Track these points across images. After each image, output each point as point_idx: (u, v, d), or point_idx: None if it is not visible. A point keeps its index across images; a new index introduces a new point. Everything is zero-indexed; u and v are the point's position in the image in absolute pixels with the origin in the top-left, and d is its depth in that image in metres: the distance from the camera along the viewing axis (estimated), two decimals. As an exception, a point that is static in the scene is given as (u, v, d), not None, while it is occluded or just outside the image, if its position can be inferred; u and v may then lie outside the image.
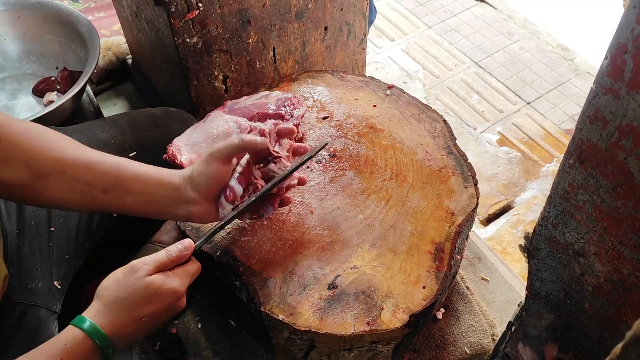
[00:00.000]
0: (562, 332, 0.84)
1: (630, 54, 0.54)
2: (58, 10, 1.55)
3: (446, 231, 0.97)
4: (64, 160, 0.78)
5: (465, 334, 1.13)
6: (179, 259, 0.78)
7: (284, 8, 1.28)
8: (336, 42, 1.46)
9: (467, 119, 1.99)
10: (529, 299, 0.88)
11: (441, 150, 1.10)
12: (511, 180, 1.81)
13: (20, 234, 0.95)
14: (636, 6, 0.51)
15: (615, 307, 0.72)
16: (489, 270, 1.30)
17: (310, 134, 1.13)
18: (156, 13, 1.21)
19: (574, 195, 0.69)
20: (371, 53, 2.22)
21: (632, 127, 0.57)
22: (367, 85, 1.24)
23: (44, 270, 0.96)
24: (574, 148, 0.66)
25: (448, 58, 2.21)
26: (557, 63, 2.17)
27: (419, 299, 0.89)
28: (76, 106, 1.51)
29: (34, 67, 1.62)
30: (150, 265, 0.75)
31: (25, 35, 1.59)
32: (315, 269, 0.93)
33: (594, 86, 0.59)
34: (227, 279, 0.95)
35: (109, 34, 1.87)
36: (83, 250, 1.03)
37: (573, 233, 0.72)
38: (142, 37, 1.45)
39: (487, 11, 2.41)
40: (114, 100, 1.81)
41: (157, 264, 0.76)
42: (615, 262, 0.68)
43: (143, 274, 0.74)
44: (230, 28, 1.23)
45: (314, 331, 0.86)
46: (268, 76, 1.39)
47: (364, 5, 1.43)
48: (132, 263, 0.75)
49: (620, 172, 0.61)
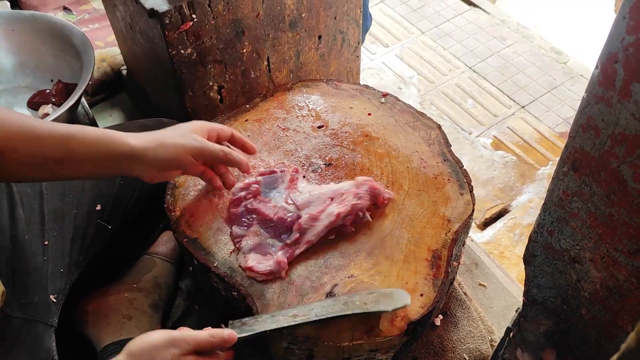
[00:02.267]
0: (560, 337, 0.84)
1: (620, 63, 0.54)
2: (52, 22, 1.56)
3: (443, 238, 0.98)
4: (15, 136, 0.77)
5: (464, 340, 1.13)
6: (219, 346, 0.78)
7: (278, 18, 1.29)
8: (330, 51, 1.46)
9: (462, 123, 2.00)
10: (526, 305, 0.88)
11: (436, 158, 1.10)
12: (507, 184, 1.82)
13: (13, 249, 0.95)
14: (625, 16, 0.52)
15: (612, 313, 0.72)
16: (486, 276, 1.30)
17: (306, 143, 1.14)
18: (150, 25, 1.21)
19: (568, 203, 0.69)
20: (365, 59, 2.22)
21: (624, 135, 0.57)
22: (361, 94, 1.25)
23: (39, 285, 0.96)
24: (567, 156, 0.66)
25: (442, 63, 2.22)
26: (551, 66, 2.18)
27: (416, 306, 0.89)
28: (72, 118, 1.51)
29: (28, 80, 1.61)
30: (191, 345, 0.75)
31: (19, 48, 1.59)
32: (313, 279, 0.93)
33: (586, 95, 0.60)
34: (225, 290, 0.95)
35: (103, 46, 1.87)
36: (78, 263, 1.03)
37: (568, 240, 0.73)
38: (136, 49, 1.45)
39: (480, 16, 2.42)
40: (109, 112, 1.81)
41: (197, 345, 0.75)
42: (611, 269, 0.68)
43: (179, 353, 0.73)
44: (225, 38, 1.24)
45: (312, 341, 0.86)
46: (263, 86, 1.39)
47: (357, 14, 1.44)
48: (174, 336, 0.74)
49: (614, 179, 0.61)
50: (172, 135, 0.89)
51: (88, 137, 0.83)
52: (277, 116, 1.20)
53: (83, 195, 1.06)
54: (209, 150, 0.91)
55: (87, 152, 0.82)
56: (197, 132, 0.92)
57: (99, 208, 1.06)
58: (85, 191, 1.06)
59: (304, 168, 1.09)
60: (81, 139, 0.82)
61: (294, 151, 1.12)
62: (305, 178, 1.06)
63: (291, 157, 1.11)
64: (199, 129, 0.93)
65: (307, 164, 1.10)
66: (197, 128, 0.93)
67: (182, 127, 0.93)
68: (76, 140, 0.81)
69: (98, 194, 1.07)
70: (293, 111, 1.21)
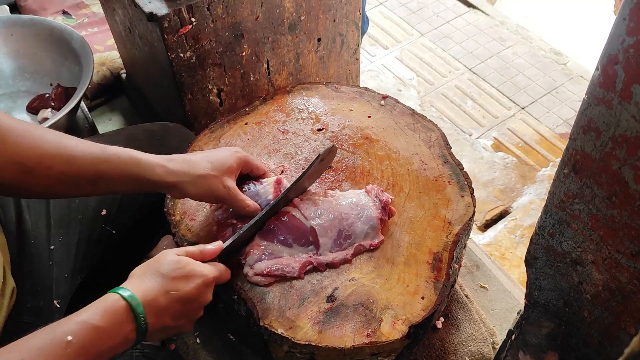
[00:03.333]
0: (562, 340, 0.84)
1: (621, 65, 0.54)
2: (51, 27, 1.56)
3: (444, 241, 0.97)
4: (49, 156, 0.78)
5: (466, 342, 1.12)
6: (207, 253, 0.83)
7: (277, 21, 1.29)
8: (329, 53, 1.46)
9: (462, 125, 2.00)
10: (528, 307, 0.88)
11: (437, 160, 1.10)
12: (508, 186, 1.82)
13: (20, 253, 0.95)
14: (626, 18, 0.52)
15: (614, 315, 0.72)
16: (487, 277, 1.30)
17: (306, 145, 1.13)
18: (149, 28, 1.21)
19: (569, 205, 0.69)
20: (365, 61, 2.22)
21: (625, 137, 0.57)
22: (361, 96, 1.24)
23: (44, 289, 0.96)
24: (568, 158, 0.66)
25: (442, 65, 2.22)
26: (551, 67, 2.18)
27: (418, 309, 0.89)
28: (71, 122, 1.51)
29: (27, 84, 1.62)
30: (180, 250, 0.80)
31: (18, 52, 1.59)
32: (314, 282, 0.93)
33: (587, 97, 0.59)
34: (226, 293, 0.95)
35: (102, 49, 1.87)
36: (82, 268, 1.02)
37: (570, 242, 0.72)
38: (135, 52, 1.45)
39: (479, 17, 2.42)
40: (108, 115, 1.81)
41: (187, 251, 0.80)
42: (613, 271, 0.68)
43: (173, 253, 0.78)
44: (224, 42, 1.24)
45: (313, 345, 0.86)
46: (262, 88, 1.39)
47: (356, 16, 1.44)
48: (163, 251, 0.80)
49: (615, 181, 0.61)
50: (206, 172, 0.89)
51: (119, 161, 0.83)
52: (277, 119, 1.20)
53: (89, 200, 1.05)
54: (233, 205, 0.94)
55: (118, 174, 0.83)
56: (232, 169, 0.92)
57: (104, 213, 1.06)
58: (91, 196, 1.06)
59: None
60: (112, 161, 0.82)
61: (294, 154, 1.12)
62: None
63: (291, 160, 1.11)
64: (234, 165, 0.93)
65: (307, 167, 1.09)
66: (232, 166, 0.92)
67: (221, 161, 0.92)
68: (108, 162, 0.82)
69: (103, 199, 1.07)
70: (293, 114, 1.21)
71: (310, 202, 0.98)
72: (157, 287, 0.74)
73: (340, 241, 0.95)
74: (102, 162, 0.82)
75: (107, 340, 0.69)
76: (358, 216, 0.96)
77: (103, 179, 0.82)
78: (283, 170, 1.08)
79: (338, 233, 0.95)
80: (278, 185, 0.99)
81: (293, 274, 0.92)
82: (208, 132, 1.16)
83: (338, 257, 0.94)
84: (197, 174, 0.88)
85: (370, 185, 1.01)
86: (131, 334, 0.72)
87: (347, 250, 0.95)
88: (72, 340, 0.65)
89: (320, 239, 0.94)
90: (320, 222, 0.95)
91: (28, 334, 0.67)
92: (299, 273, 0.92)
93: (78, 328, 0.67)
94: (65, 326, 0.67)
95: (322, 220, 0.95)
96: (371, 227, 0.96)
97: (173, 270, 0.76)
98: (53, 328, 0.67)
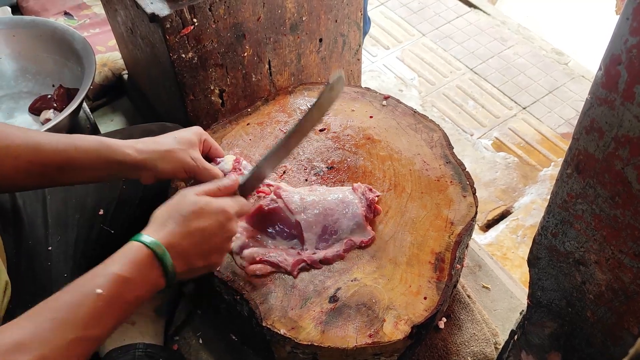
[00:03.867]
0: (565, 340, 0.84)
1: (624, 65, 0.54)
2: (53, 28, 1.56)
3: (446, 241, 0.97)
4: (15, 145, 0.79)
5: (468, 343, 1.12)
6: (225, 189, 0.82)
7: (279, 21, 1.29)
8: (331, 54, 1.46)
9: (463, 125, 2.00)
10: (530, 307, 0.88)
11: (439, 160, 1.10)
12: (509, 186, 1.81)
13: (17, 254, 0.95)
14: (629, 17, 0.52)
15: (618, 315, 0.72)
16: (489, 278, 1.29)
17: (308, 146, 1.13)
18: (151, 29, 1.21)
19: (572, 205, 0.69)
20: (366, 62, 2.22)
21: (628, 138, 0.57)
22: (363, 96, 1.24)
23: (43, 289, 0.96)
24: (571, 158, 0.66)
25: (443, 65, 2.22)
26: (552, 67, 2.18)
27: (420, 309, 0.89)
28: (73, 123, 1.51)
29: (30, 85, 1.62)
30: (198, 189, 0.80)
31: (20, 53, 1.59)
32: (316, 282, 0.93)
33: (589, 97, 0.59)
34: (228, 294, 0.95)
35: (104, 50, 1.87)
36: (80, 267, 1.02)
37: (573, 242, 0.72)
38: (137, 53, 1.45)
39: (480, 17, 2.42)
40: (110, 116, 1.81)
41: (205, 189, 0.80)
42: (616, 271, 0.68)
43: (191, 193, 0.78)
44: (225, 42, 1.24)
45: (316, 345, 0.86)
46: (264, 89, 1.39)
47: (358, 17, 1.44)
48: (181, 190, 0.80)
49: (618, 181, 0.61)
50: (172, 147, 0.91)
51: (88, 146, 0.84)
52: (279, 119, 1.20)
53: (86, 199, 1.06)
54: (203, 175, 0.94)
55: (87, 159, 0.84)
56: (194, 143, 0.94)
57: (102, 212, 1.06)
58: (89, 195, 1.06)
59: (306, 171, 1.09)
60: (81, 147, 0.84)
61: (295, 154, 1.12)
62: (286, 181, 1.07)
63: (293, 161, 1.11)
64: (195, 139, 0.95)
65: (310, 167, 1.09)
66: (194, 139, 0.94)
67: (184, 136, 0.94)
68: (76, 148, 0.83)
69: (101, 198, 1.07)
70: (295, 114, 1.21)
71: (295, 196, 0.98)
72: (179, 230, 0.75)
73: (326, 237, 0.96)
74: (70, 149, 0.83)
75: (136, 290, 0.70)
76: (343, 213, 0.97)
77: (71, 166, 0.83)
78: (285, 171, 1.09)
79: (323, 229, 0.96)
80: (237, 164, 1.01)
81: (287, 267, 0.93)
82: (210, 133, 1.16)
83: (329, 253, 0.95)
84: (165, 149, 0.89)
85: (357, 184, 1.02)
86: (160, 280, 0.73)
87: (338, 245, 0.96)
88: (102, 293, 0.66)
89: (305, 234, 0.95)
90: (305, 217, 0.96)
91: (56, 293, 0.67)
92: (292, 268, 0.93)
93: (106, 280, 0.67)
94: (93, 280, 0.68)
95: (307, 215, 0.96)
96: (356, 223, 0.97)
97: (193, 210, 0.76)
98: (81, 283, 0.68)
